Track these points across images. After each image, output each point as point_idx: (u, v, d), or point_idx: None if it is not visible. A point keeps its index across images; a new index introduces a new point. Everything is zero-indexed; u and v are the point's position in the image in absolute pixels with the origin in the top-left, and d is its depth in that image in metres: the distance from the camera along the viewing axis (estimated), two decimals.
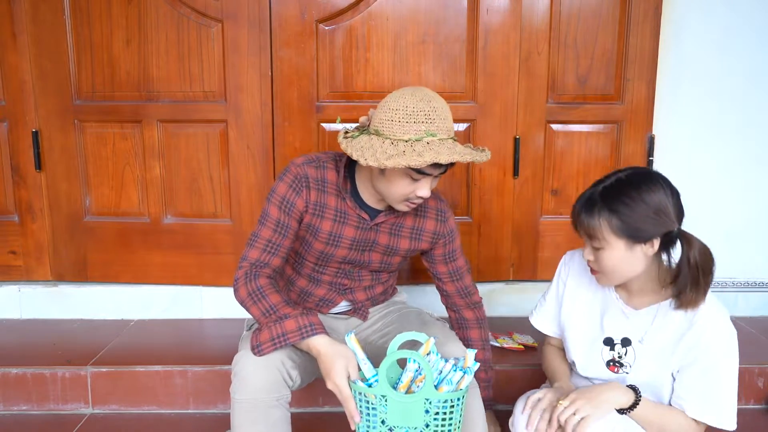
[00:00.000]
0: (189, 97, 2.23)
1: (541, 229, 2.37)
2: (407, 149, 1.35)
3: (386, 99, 1.43)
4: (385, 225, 1.59)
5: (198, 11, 2.17)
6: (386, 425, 1.30)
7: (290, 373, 1.45)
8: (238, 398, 1.42)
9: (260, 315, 1.45)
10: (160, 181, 2.29)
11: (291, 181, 1.52)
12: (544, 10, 2.19)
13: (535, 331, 1.67)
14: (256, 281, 1.48)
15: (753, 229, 2.40)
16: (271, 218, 1.52)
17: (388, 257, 1.64)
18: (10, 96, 2.25)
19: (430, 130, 1.38)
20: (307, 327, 1.39)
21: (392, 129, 1.38)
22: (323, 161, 1.56)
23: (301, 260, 1.65)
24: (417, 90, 1.41)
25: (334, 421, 1.92)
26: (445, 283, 1.71)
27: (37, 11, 2.18)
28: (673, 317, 1.36)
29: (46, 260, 2.38)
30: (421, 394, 1.27)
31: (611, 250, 1.30)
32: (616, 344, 1.43)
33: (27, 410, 1.98)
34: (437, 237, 1.65)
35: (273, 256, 1.52)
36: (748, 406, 2.02)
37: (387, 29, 2.18)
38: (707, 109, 2.32)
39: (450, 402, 1.28)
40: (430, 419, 1.29)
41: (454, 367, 1.33)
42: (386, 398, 1.28)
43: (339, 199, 1.55)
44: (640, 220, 1.26)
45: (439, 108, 1.40)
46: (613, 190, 1.30)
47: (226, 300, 2.37)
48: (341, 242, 1.58)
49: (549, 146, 2.30)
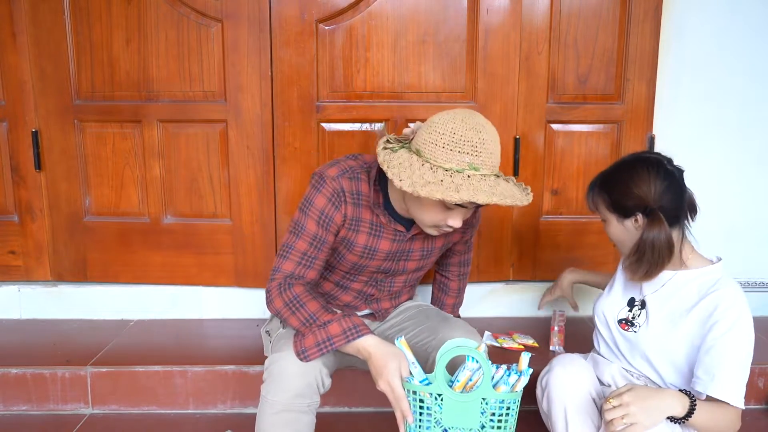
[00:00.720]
0: (189, 97, 2.23)
1: (541, 229, 2.36)
2: (446, 179, 1.28)
3: (435, 118, 1.35)
4: (419, 233, 1.54)
5: (198, 11, 2.17)
6: (440, 426, 1.28)
7: (324, 380, 1.44)
8: (271, 399, 1.40)
9: (300, 325, 1.41)
10: (159, 181, 2.29)
11: (330, 195, 1.46)
12: (544, 10, 2.19)
13: (536, 330, 1.68)
14: (291, 290, 1.43)
15: (753, 229, 2.40)
16: (308, 231, 1.46)
17: (425, 260, 1.63)
18: (9, 96, 2.25)
19: (474, 163, 1.30)
20: (352, 330, 1.36)
21: (434, 153, 1.30)
22: (357, 172, 1.49)
23: (331, 269, 1.62)
24: (469, 116, 1.33)
25: (334, 421, 1.93)
26: (452, 256, 1.80)
27: (37, 11, 2.18)
28: (686, 287, 1.46)
29: (46, 260, 2.37)
30: (479, 393, 1.26)
31: (610, 224, 1.49)
32: (635, 305, 1.53)
33: (27, 410, 1.98)
34: (467, 227, 1.67)
35: (308, 269, 1.47)
36: (749, 407, 2.01)
37: (387, 29, 2.18)
38: (707, 108, 2.31)
39: (506, 403, 1.27)
40: (486, 420, 1.27)
41: (508, 371, 1.31)
42: (442, 397, 1.26)
43: (373, 211, 1.50)
44: (622, 197, 1.44)
45: (489, 140, 1.31)
46: (608, 171, 1.51)
47: (226, 300, 2.37)
48: (376, 255, 1.55)
49: (549, 146, 2.30)
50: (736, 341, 1.35)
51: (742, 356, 1.36)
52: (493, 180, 1.32)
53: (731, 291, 1.40)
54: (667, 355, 1.44)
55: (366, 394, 1.97)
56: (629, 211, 1.43)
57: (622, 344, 1.53)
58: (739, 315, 1.37)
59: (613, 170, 1.49)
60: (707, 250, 1.53)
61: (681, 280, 1.47)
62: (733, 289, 1.41)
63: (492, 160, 1.32)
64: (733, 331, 1.35)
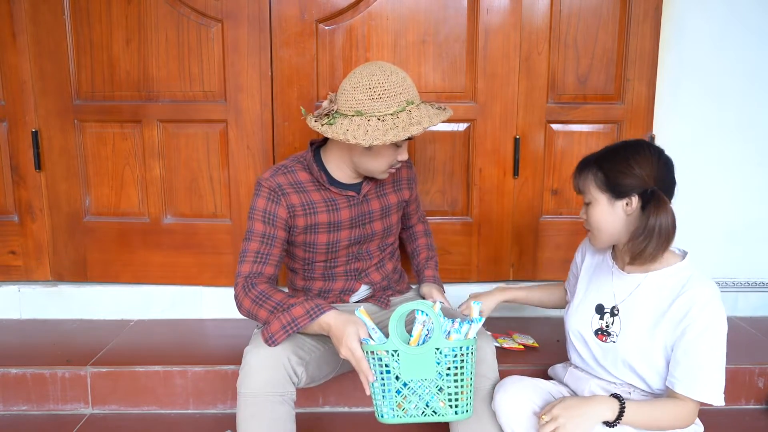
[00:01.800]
0: (189, 97, 2.23)
1: (541, 229, 2.36)
2: (397, 121, 1.46)
3: (354, 80, 1.50)
4: (371, 192, 1.70)
5: (198, 11, 2.17)
6: (400, 381, 1.34)
7: (296, 369, 1.48)
8: (242, 392, 1.45)
9: (268, 314, 1.47)
10: (159, 181, 2.29)
11: (267, 195, 1.58)
12: (544, 10, 2.19)
13: (536, 330, 1.68)
14: (256, 288, 1.51)
15: (753, 229, 2.40)
16: (257, 232, 1.57)
17: (387, 219, 1.74)
18: (9, 96, 2.25)
19: (409, 99, 1.50)
20: (314, 309, 1.43)
21: (375, 106, 1.47)
22: (289, 167, 1.63)
23: (311, 266, 1.70)
24: (377, 65, 1.50)
25: (335, 421, 1.93)
26: (411, 218, 1.93)
27: (37, 11, 2.18)
28: (657, 289, 1.42)
29: (46, 260, 2.37)
30: (431, 344, 1.31)
31: (596, 205, 1.42)
32: (605, 312, 1.49)
33: (27, 410, 1.98)
34: (411, 181, 1.83)
35: (264, 265, 1.56)
36: (749, 406, 2.01)
37: (387, 29, 2.18)
38: (707, 108, 2.32)
39: (461, 351, 1.32)
40: (443, 369, 1.32)
41: (461, 322, 1.37)
42: (398, 353, 1.31)
43: (322, 191, 1.63)
44: (621, 174, 1.38)
45: (405, 76, 1.52)
46: (606, 151, 1.45)
47: (226, 300, 2.37)
48: (341, 225, 1.64)
49: (549, 146, 2.30)
50: (712, 342, 1.35)
51: (718, 356, 1.36)
52: (425, 107, 1.53)
53: (704, 290, 1.37)
54: (648, 361, 1.42)
55: (366, 394, 1.96)
56: (625, 191, 1.38)
57: (602, 356, 1.49)
58: (713, 315, 1.35)
59: (613, 148, 1.44)
60: (707, 251, 1.53)
61: (652, 283, 1.43)
62: (705, 287, 1.37)
63: (415, 90, 1.53)
64: (709, 332, 1.34)
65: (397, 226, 1.82)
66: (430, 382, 1.33)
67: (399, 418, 1.36)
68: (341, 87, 1.54)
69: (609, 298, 1.50)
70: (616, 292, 1.49)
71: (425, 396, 1.34)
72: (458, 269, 2.36)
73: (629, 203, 1.39)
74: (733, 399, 2.00)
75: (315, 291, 1.73)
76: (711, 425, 1.57)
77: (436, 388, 1.34)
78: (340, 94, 1.53)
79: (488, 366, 1.57)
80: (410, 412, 1.35)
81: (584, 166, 1.46)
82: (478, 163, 2.28)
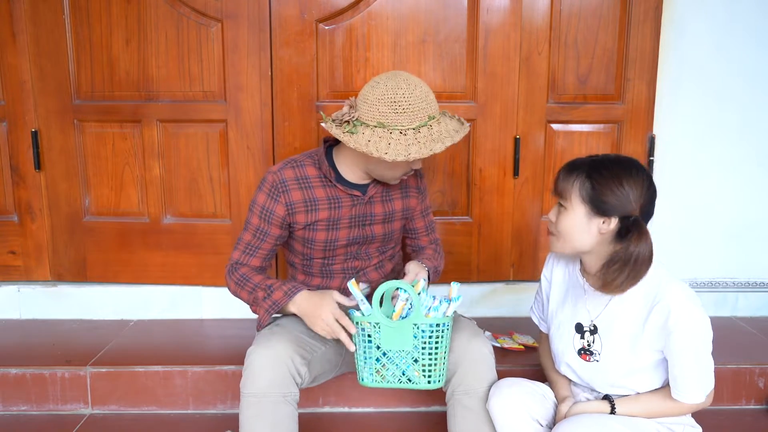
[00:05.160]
0: (189, 97, 2.23)
1: (541, 229, 2.36)
2: (418, 137, 1.47)
3: (379, 91, 1.48)
4: (377, 195, 1.69)
5: (198, 11, 2.17)
6: (380, 350, 1.47)
7: (299, 369, 1.49)
8: (246, 392, 1.46)
9: (248, 294, 1.60)
10: (159, 181, 2.29)
11: (269, 191, 1.62)
12: (544, 10, 2.19)
13: (535, 330, 1.68)
14: (238, 271, 1.63)
15: (753, 229, 2.40)
16: (253, 225, 1.64)
17: (389, 224, 1.73)
18: (9, 96, 2.25)
19: (430, 114, 1.50)
20: (291, 289, 1.54)
21: (398, 120, 1.47)
22: (300, 161, 1.65)
23: (309, 261, 1.71)
24: (402, 77, 1.50)
25: (335, 421, 1.93)
26: (420, 238, 1.86)
27: (37, 11, 2.18)
28: (630, 301, 1.40)
29: (46, 260, 2.37)
30: (410, 320, 1.43)
31: (572, 213, 1.37)
32: (585, 331, 1.47)
33: (26, 410, 1.98)
34: (419, 191, 1.80)
35: (251, 257, 1.65)
36: (748, 407, 2.01)
37: (387, 29, 2.18)
38: (707, 109, 2.31)
39: (438, 328, 1.43)
40: (419, 343, 1.44)
41: (441, 300, 1.50)
42: (379, 325, 1.45)
43: (327, 188, 1.64)
44: (609, 192, 1.33)
45: (428, 90, 1.52)
46: (599, 161, 1.39)
47: (225, 300, 2.36)
48: (340, 223, 1.65)
49: (549, 146, 2.30)
50: (696, 345, 1.34)
51: (705, 358, 1.36)
52: (443, 119, 1.55)
53: (678, 292, 1.34)
54: (634, 377, 1.41)
55: (366, 394, 1.97)
56: (607, 210, 1.33)
57: (589, 377, 1.47)
58: (693, 318, 1.33)
59: (606, 161, 1.37)
60: (707, 250, 1.53)
61: (624, 295, 1.39)
62: (678, 289, 1.35)
63: (436, 104, 1.54)
64: (693, 336, 1.33)
65: (399, 233, 1.80)
66: (407, 354, 1.45)
67: (378, 383, 1.50)
68: (363, 95, 1.52)
69: (584, 315, 1.47)
70: (590, 309, 1.46)
71: (402, 365, 1.47)
72: (458, 269, 2.35)
73: (607, 223, 1.34)
74: (733, 399, 2.00)
75: (314, 288, 1.73)
76: (711, 425, 1.57)
77: (412, 359, 1.46)
78: (361, 102, 1.52)
79: (487, 366, 1.56)
80: (388, 379, 1.49)
81: (572, 170, 1.39)
82: (478, 163, 2.28)
